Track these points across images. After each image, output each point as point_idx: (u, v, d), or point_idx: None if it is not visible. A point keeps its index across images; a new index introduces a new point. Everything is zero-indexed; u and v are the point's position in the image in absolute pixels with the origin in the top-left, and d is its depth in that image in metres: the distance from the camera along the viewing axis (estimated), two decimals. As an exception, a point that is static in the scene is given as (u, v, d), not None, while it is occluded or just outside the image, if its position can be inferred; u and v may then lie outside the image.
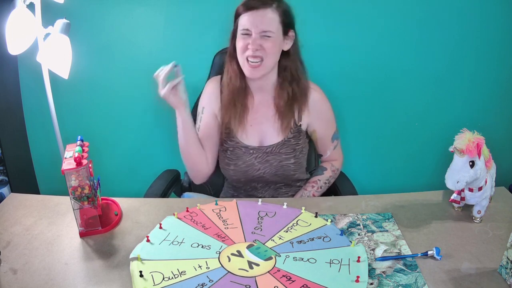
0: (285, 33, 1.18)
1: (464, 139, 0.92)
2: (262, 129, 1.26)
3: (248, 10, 1.13)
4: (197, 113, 1.32)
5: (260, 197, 1.27)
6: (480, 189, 0.98)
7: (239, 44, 1.16)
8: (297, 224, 1.02)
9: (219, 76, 1.30)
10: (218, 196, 1.41)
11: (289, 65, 1.22)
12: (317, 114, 1.27)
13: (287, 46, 1.20)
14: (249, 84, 1.26)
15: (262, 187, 1.30)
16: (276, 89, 1.25)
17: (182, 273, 0.85)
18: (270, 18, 1.13)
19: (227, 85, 1.25)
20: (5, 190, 1.82)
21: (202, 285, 0.82)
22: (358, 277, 0.83)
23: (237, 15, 1.17)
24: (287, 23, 1.18)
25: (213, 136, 1.29)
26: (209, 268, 0.87)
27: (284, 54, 1.22)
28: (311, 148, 1.47)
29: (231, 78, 1.23)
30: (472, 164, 0.92)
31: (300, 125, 1.26)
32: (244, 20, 1.14)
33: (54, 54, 1.46)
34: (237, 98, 1.24)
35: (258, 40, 1.14)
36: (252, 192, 1.31)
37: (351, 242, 0.94)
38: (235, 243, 0.95)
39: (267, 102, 1.26)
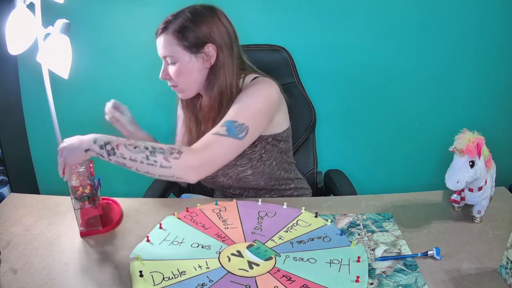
0: (196, 51, 1.07)
1: (464, 139, 0.92)
2: None
3: (155, 36, 1.11)
4: None
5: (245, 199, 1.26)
6: (480, 189, 0.98)
7: None
8: (297, 224, 1.02)
9: None
10: (213, 197, 1.41)
11: (212, 81, 1.10)
12: (237, 98, 1.09)
13: (206, 63, 1.09)
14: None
15: (241, 193, 1.26)
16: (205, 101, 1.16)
17: (182, 273, 0.85)
18: (164, 43, 1.07)
19: (179, 102, 1.24)
20: (5, 190, 1.82)
21: (202, 285, 0.82)
22: (358, 277, 0.83)
23: None
24: (195, 41, 1.06)
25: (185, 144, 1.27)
26: (209, 268, 0.87)
27: (210, 69, 1.10)
28: (309, 147, 1.47)
29: (178, 97, 1.21)
30: (472, 164, 0.92)
31: None
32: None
33: (54, 54, 1.45)
34: (189, 113, 1.22)
35: (166, 68, 1.10)
36: (234, 197, 1.25)
37: (351, 242, 0.94)
38: (235, 243, 0.95)
39: None
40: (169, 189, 1.37)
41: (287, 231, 0.99)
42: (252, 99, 1.07)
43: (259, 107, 1.07)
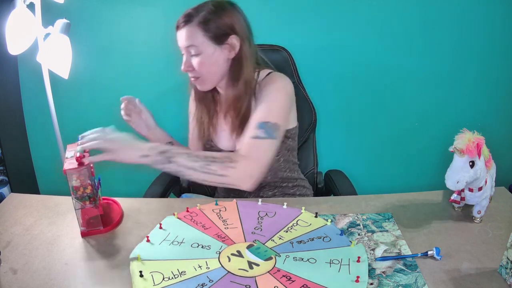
0: (220, 42, 1.09)
1: (464, 139, 0.92)
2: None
3: (177, 29, 1.10)
4: None
5: (246, 197, 1.27)
6: (480, 189, 0.98)
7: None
8: (297, 224, 1.02)
9: None
10: (213, 196, 1.41)
11: (232, 70, 1.14)
12: (261, 97, 1.13)
13: (230, 54, 1.11)
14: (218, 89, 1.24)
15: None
16: (226, 94, 1.18)
17: (182, 273, 0.85)
18: (190, 35, 1.08)
19: (192, 94, 1.25)
20: (5, 190, 1.82)
21: (202, 285, 0.82)
22: (358, 277, 0.83)
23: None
24: (219, 33, 1.08)
25: (198, 139, 1.30)
26: (209, 268, 0.87)
27: (234, 60, 1.13)
28: (310, 147, 1.47)
29: (194, 88, 1.22)
30: (472, 164, 0.93)
31: None
32: (177, 39, 1.12)
33: (54, 54, 1.46)
34: (202, 106, 1.23)
35: (187, 60, 1.11)
36: (238, 192, 1.27)
37: (351, 242, 0.94)
38: (235, 243, 0.95)
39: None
40: (169, 189, 1.37)
41: (287, 231, 0.99)
42: (276, 97, 1.12)
43: (283, 103, 1.12)
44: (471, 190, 0.99)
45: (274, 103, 1.11)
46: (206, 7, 1.09)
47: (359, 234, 0.98)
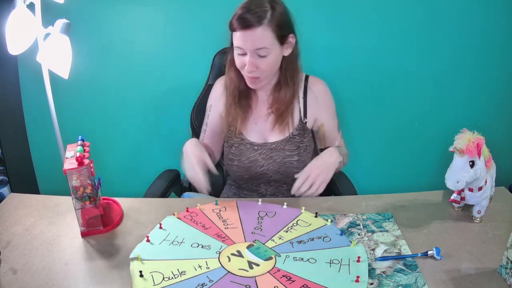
0: (283, 42, 1.12)
1: (464, 139, 0.92)
2: (266, 126, 1.25)
3: (240, 29, 1.07)
4: (205, 108, 1.33)
5: (261, 193, 1.29)
6: (480, 189, 0.98)
7: (236, 61, 1.13)
8: (297, 224, 1.02)
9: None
10: (218, 196, 1.41)
11: (287, 67, 1.19)
12: (324, 107, 1.26)
13: (287, 52, 1.16)
14: None
15: (264, 185, 1.30)
16: (272, 89, 1.24)
17: (182, 273, 0.85)
18: (262, 37, 1.06)
19: (228, 88, 1.24)
20: (5, 190, 1.82)
21: (202, 285, 0.82)
22: (358, 277, 0.83)
23: (231, 29, 1.12)
24: (284, 33, 1.11)
25: (218, 133, 1.30)
26: (209, 268, 0.87)
27: (286, 58, 1.18)
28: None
29: (232, 81, 1.22)
30: (472, 164, 0.93)
31: (306, 122, 1.25)
32: (237, 39, 1.08)
33: (54, 54, 1.46)
34: (238, 99, 1.23)
35: (254, 61, 1.09)
36: (253, 188, 1.31)
37: (351, 242, 0.94)
38: (235, 243, 0.95)
39: (269, 99, 1.27)
40: (169, 189, 1.37)
41: (287, 231, 0.99)
42: (332, 102, 1.29)
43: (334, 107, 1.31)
44: (471, 190, 0.99)
45: (333, 108, 1.29)
46: (263, 6, 1.07)
47: (359, 234, 0.98)
